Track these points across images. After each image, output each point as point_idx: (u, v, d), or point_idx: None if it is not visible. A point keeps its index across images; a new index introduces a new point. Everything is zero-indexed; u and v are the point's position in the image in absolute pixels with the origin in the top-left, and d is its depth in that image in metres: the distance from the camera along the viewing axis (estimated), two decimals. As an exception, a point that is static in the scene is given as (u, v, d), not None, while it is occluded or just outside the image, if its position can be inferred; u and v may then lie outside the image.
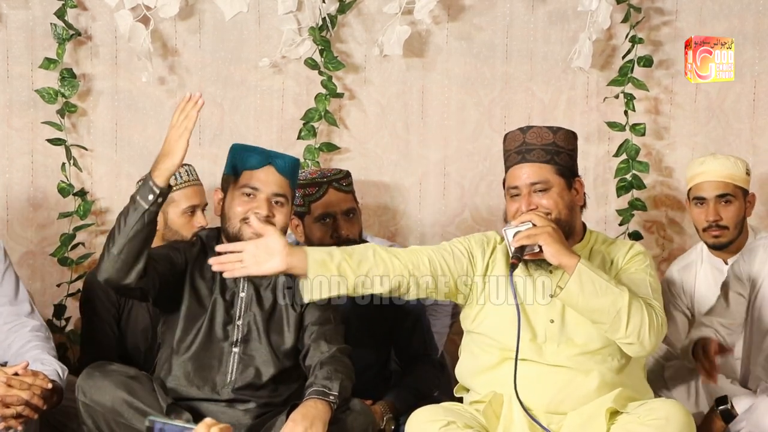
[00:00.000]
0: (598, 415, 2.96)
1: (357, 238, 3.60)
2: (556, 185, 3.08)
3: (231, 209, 3.16)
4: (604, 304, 2.92)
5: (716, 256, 3.84)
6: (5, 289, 3.26)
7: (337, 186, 3.59)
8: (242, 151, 3.20)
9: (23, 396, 2.97)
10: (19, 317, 3.23)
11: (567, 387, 3.01)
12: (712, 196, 3.75)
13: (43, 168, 4.18)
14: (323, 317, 3.21)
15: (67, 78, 4.10)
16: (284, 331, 3.21)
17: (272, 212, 3.13)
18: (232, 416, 3.14)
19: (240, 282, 3.20)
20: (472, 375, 3.14)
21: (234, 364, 3.17)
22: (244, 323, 3.19)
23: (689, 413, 2.94)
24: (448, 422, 2.94)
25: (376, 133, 4.31)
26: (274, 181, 3.15)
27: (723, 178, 3.75)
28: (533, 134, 3.11)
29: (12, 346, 3.18)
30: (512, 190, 3.10)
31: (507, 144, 3.16)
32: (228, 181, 3.20)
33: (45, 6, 4.10)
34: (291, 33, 4.17)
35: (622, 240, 3.40)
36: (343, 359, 3.14)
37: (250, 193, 3.14)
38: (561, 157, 3.10)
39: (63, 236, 4.15)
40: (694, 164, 3.84)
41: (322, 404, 2.98)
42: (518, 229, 2.98)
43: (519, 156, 3.10)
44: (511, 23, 4.30)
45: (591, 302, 2.93)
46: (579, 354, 3.03)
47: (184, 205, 3.72)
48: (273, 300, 3.22)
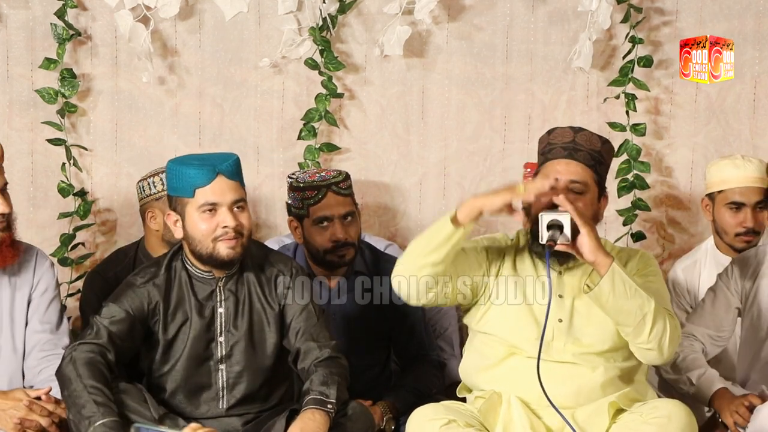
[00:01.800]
0: (601, 410, 2.99)
1: (355, 242, 3.61)
2: (591, 192, 3.08)
3: (195, 231, 3.05)
4: (632, 306, 2.93)
5: (727, 255, 3.80)
6: (49, 316, 3.28)
7: (336, 190, 3.59)
8: (183, 168, 3.05)
9: (42, 422, 2.98)
10: (56, 348, 3.24)
11: (572, 381, 3.03)
12: (751, 202, 3.68)
13: (44, 168, 4.18)
14: (306, 312, 3.15)
15: (67, 78, 4.10)
16: (265, 331, 3.16)
17: (237, 219, 3.05)
18: (227, 423, 3.13)
19: (216, 296, 3.14)
20: (476, 372, 3.15)
21: (223, 382, 3.14)
22: (226, 339, 3.13)
23: (691, 413, 2.96)
24: (449, 420, 2.95)
25: (376, 133, 4.31)
26: (228, 188, 3.05)
27: (760, 183, 3.68)
28: (584, 136, 3.10)
29: (42, 373, 3.20)
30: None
31: (553, 137, 3.13)
32: (180, 203, 3.07)
33: (45, 6, 4.10)
34: (291, 33, 4.17)
35: (631, 249, 3.40)
36: (337, 359, 3.11)
37: (210, 209, 3.04)
38: (601, 168, 3.11)
39: (63, 236, 4.14)
40: (726, 166, 3.75)
41: (320, 414, 2.95)
42: (555, 217, 2.94)
43: (566, 152, 3.08)
44: (512, 23, 4.30)
45: (620, 303, 2.94)
46: (585, 353, 3.05)
47: None
48: (250, 306, 3.15)
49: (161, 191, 3.72)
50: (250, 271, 3.17)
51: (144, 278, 3.14)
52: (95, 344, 3.01)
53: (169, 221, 3.12)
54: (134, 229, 4.14)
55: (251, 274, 3.17)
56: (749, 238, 3.71)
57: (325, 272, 3.64)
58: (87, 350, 2.99)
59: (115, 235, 4.24)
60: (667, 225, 4.40)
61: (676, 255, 4.26)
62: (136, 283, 3.13)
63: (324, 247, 3.57)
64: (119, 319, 3.06)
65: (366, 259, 3.69)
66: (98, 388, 2.90)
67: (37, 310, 3.26)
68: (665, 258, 4.36)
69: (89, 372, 2.93)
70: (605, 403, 2.99)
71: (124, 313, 3.07)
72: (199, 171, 3.03)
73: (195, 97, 4.23)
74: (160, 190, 3.72)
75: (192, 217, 3.05)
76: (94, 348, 3.00)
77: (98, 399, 2.88)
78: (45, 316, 3.26)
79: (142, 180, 3.80)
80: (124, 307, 3.08)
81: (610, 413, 2.97)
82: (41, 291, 3.28)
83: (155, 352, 3.13)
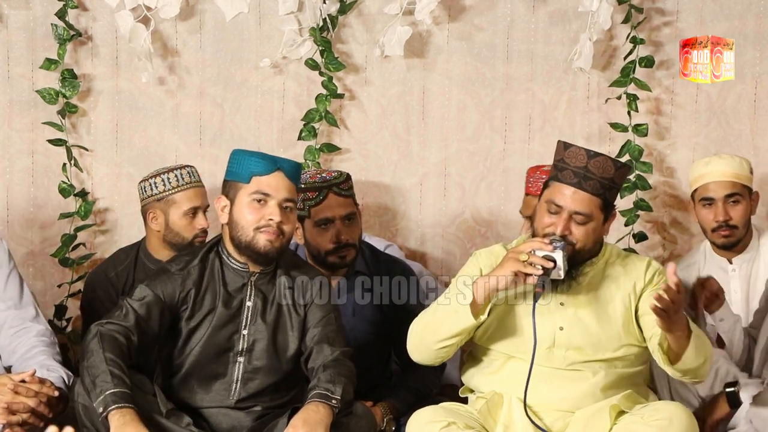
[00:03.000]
0: (602, 413, 2.99)
1: (356, 243, 3.61)
2: (595, 220, 3.05)
3: (241, 217, 3.08)
4: (702, 357, 2.97)
5: (721, 256, 3.84)
6: (10, 292, 3.26)
7: (337, 191, 3.59)
8: (246, 156, 3.12)
9: (30, 404, 2.97)
10: (24, 321, 3.23)
11: (573, 385, 3.04)
12: (720, 196, 3.74)
13: (44, 168, 4.18)
14: (326, 318, 3.18)
15: (68, 78, 4.10)
16: (288, 335, 3.18)
17: (284, 218, 3.08)
18: (234, 418, 3.15)
19: (247, 290, 3.17)
20: (476, 376, 3.17)
21: (238, 375, 3.15)
22: (249, 333, 3.16)
23: (692, 415, 2.97)
24: (449, 423, 2.95)
25: (376, 133, 4.31)
26: (284, 186, 3.09)
27: (730, 177, 3.73)
28: (597, 163, 3.03)
29: (17, 350, 3.18)
30: (554, 206, 3.04)
31: (568, 155, 3.06)
32: (233, 188, 3.11)
33: (46, 6, 4.10)
34: (292, 33, 4.17)
35: (636, 255, 3.40)
36: (346, 362, 3.13)
37: (261, 199, 3.07)
38: (611, 193, 3.08)
39: (64, 237, 4.14)
40: (699, 165, 3.82)
41: (324, 408, 2.96)
42: (548, 254, 2.95)
43: (576, 179, 3.03)
44: (512, 24, 4.29)
45: (698, 361, 2.97)
46: (586, 361, 3.06)
47: (186, 207, 3.71)
48: (278, 306, 3.18)
49: (162, 192, 3.72)
50: (283, 274, 3.19)
51: (179, 266, 3.17)
52: (122, 326, 3.04)
53: (218, 205, 3.15)
54: (134, 229, 4.14)
55: (284, 278, 3.19)
56: (725, 232, 3.75)
57: (326, 273, 3.63)
58: (113, 329, 3.02)
59: (115, 235, 4.24)
60: (669, 225, 4.40)
61: (678, 255, 4.26)
62: (171, 269, 3.16)
63: (325, 248, 3.57)
64: (150, 301, 3.09)
65: (366, 259, 3.69)
66: (116, 362, 2.93)
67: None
68: (666, 258, 4.35)
69: (111, 346, 2.97)
70: (606, 406, 2.99)
71: (155, 296, 3.10)
72: (261, 160, 3.09)
73: (195, 98, 4.23)
74: (162, 191, 3.73)
75: (241, 203, 3.08)
76: (120, 329, 3.03)
77: (114, 371, 2.91)
78: (5, 293, 3.26)
79: (143, 181, 3.80)
80: (156, 291, 3.11)
81: (611, 416, 2.97)
82: None
83: (178, 337, 3.15)
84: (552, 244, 2.97)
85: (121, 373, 2.92)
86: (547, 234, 3.02)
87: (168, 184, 3.74)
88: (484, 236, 4.32)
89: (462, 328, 3.00)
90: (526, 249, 2.95)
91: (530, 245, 2.96)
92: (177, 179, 3.72)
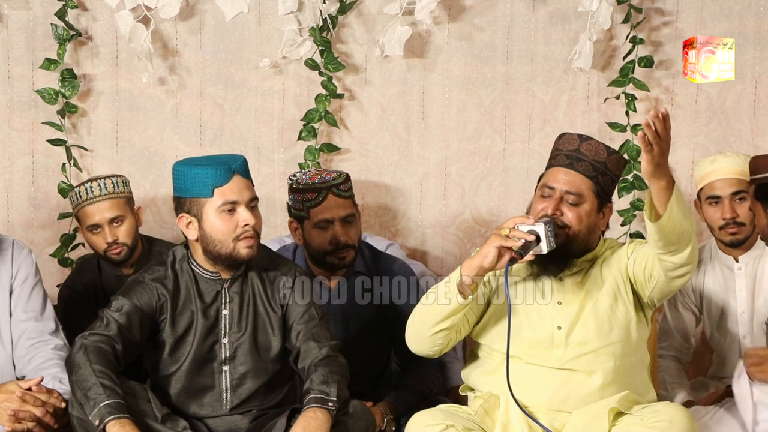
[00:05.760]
0: (601, 415, 2.98)
1: (356, 244, 3.61)
2: (588, 203, 3.07)
3: (216, 231, 3.06)
4: (688, 225, 2.89)
5: (727, 254, 3.83)
6: (32, 304, 3.26)
7: (337, 192, 3.59)
8: (196, 170, 3.05)
9: (36, 413, 2.97)
10: (42, 334, 3.23)
11: (569, 386, 3.04)
12: (727, 193, 3.73)
13: (44, 168, 4.18)
14: (307, 314, 3.17)
15: (68, 78, 4.10)
16: (269, 335, 3.17)
17: (255, 218, 3.08)
18: (230, 421, 3.16)
19: (221, 298, 3.16)
20: (475, 375, 3.17)
21: (227, 383, 3.15)
22: (230, 341, 3.15)
23: (692, 417, 2.97)
24: (447, 426, 2.95)
25: (376, 133, 4.31)
26: (244, 186, 3.08)
27: (736, 175, 3.73)
28: (589, 146, 3.08)
29: (32, 361, 3.18)
30: (546, 189, 3.08)
31: (561, 143, 3.13)
32: (196, 204, 3.06)
33: (45, 6, 4.09)
34: (291, 33, 4.17)
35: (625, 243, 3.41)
36: (336, 358, 3.12)
37: (231, 208, 3.05)
38: (604, 179, 3.09)
39: (63, 237, 4.14)
40: (704, 164, 3.82)
41: (322, 413, 2.96)
42: (531, 228, 2.94)
43: (568, 160, 3.07)
44: (512, 24, 4.29)
45: (686, 220, 2.88)
46: (582, 354, 3.05)
47: (88, 223, 3.74)
48: (254, 308, 3.17)
49: (76, 205, 3.74)
50: (254, 272, 3.19)
51: (152, 275, 3.16)
52: (105, 335, 3.03)
53: (181, 224, 3.11)
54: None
55: (255, 276, 3.18)
56: (733, 229, 3.75)
57: (325, 273, 3.64)
58: (97, 339, 3.02)
59: (114, 235, 4.24)
60: (668, 225, 4.40)
61: (676, 255, 4.26)
62: (145, 279, 3.15)
63: (324, 248, 3.57)
64: (128, 311, 3.08)
65: (366, 259, 3.69)
66: (106, 373, 2.94)
67: (20, 300, 3.25)
68: (665, 258, 4.36)
69: (98, 358, 2.97)
70: (604, 408, 2.98)
71: (133, 306, 3.09)
72: (217, 170, 3.05)
73: (195, 98, 4.23)
74: (97, 195, 3.71)
75: (211, 217, 3.05)
76: (103, 339, 3.02)
77: (105, 382, 2.91)
78: (28, 304, 3.26)
79: (78, 186, 3.78)
80: (132, 300, 3.10)
81: (609, 418, 2.97)
82: (21, 280, 3.27)
83: (162, 352, 3.14)
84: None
85: (111, 383, 2.92)
86: (541, 219, 3.02)
87: (78, 198, 3.75)
88: (484, 236, 4.31)
89: (451, 309, 3.00)
90: (509, 225, 2.96)
91: (513, 221, 2.98)
92: (87, 192, 3.73)
